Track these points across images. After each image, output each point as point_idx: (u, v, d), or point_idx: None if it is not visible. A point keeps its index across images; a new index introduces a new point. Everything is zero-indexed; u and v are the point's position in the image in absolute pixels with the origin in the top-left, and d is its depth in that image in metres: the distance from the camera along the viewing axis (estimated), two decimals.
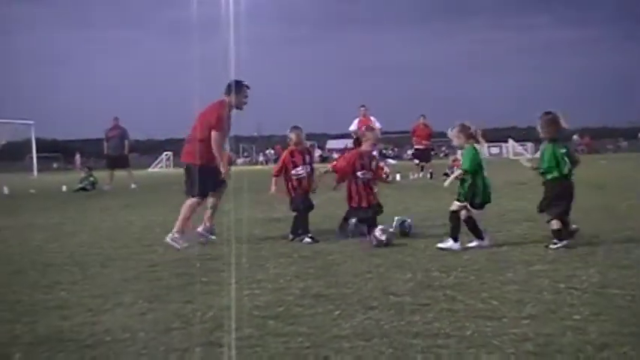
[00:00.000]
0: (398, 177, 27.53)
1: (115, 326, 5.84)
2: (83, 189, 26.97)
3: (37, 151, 59.61)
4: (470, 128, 9.59)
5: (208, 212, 11.01)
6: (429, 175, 28.11)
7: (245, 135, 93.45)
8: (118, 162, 28.52)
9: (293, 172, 10.73)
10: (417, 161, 29.71)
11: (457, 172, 9.82)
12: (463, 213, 9.32)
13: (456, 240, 9.14)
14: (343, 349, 4.97)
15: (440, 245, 9.12)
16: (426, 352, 4.83)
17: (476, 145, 9.53)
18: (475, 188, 9.40)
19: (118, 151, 28.24)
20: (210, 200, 10.87)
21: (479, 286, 6.85)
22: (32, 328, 5.94)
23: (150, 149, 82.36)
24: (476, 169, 9.37)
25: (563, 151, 9.14)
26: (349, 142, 30.36)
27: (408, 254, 8.90)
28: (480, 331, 5.29)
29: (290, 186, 10.80)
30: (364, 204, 10.68)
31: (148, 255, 9.57)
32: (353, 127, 27.06)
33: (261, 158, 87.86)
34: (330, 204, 12.90)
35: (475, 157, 9.44)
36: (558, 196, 9.03)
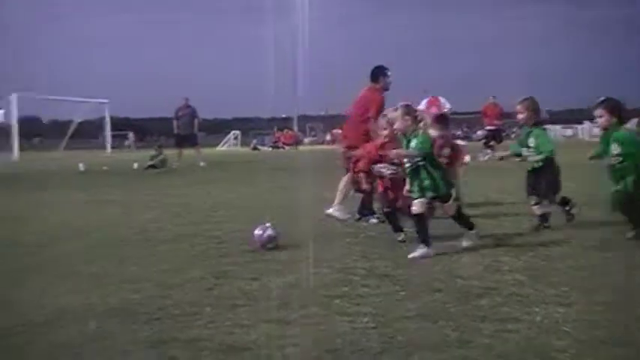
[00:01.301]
0: (467, 158, 27.20)
1: (182, 300, 5.87)
2: (153, 166, 27.28)
3: (111, 129, 60.52)
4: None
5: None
6: (499, 157, 27.63)
7: (312, 114, 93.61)
8: (187, 140, 28.79)
9: None
10: (490, 142, 29.21)
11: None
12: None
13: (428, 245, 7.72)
14: (408, 329, 4.90)
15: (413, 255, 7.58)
16: (494, 336, 4.72)
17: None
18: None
19: (188, 130, 28.51)
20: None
21: (549, 271, 6.70)
22: (105, 299, 6.02)
23: (218, 128, 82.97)
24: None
25: None
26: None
27: (479, 236, 8.75)
28: (550, 316, 5.15)
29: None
30: None
31: (215, 232, 9.59)
32: (421, 106, 26.75)
33: (327, 137, 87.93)
34: None
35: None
36: None
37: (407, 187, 8.05)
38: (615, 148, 8.16)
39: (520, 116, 9.45)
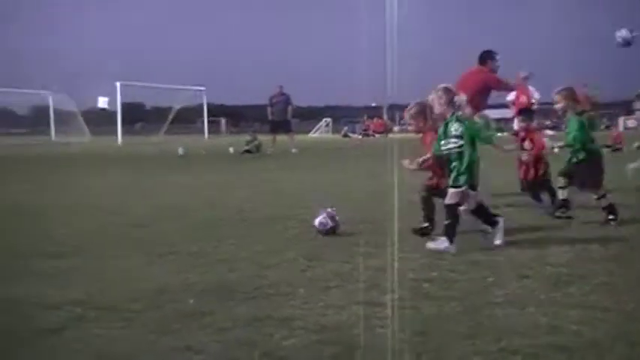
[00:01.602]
0: (556, 149, 26.65)
1: (277, 281, 5.96)
2: (248, 151, 27.64)
3: (208, 115, 61.36)
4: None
5: None
6: None
7: (401, 103, 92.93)
8: (281, 127, 29.04)
9: None
10: None
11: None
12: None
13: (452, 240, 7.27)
14: (496, 315, 4.88)
15: (431, 246, 7.32)
16: (583, 323, 4.67)
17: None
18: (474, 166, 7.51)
19: (282, 117, 28.74)
20: None
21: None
22: (203, 277, 6.16)
23: (310, 115, 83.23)
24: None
25: None
26: (508, 112, 29.08)
27: (566, 224, 8.64)
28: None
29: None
30: None
31: (306, 216, 9.66)
32: (510, 96, 26.21)
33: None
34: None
35: None
36: None
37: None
38: None
39: (558, 106, 9.34)
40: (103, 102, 52.17)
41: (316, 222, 8.28)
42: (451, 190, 7.37)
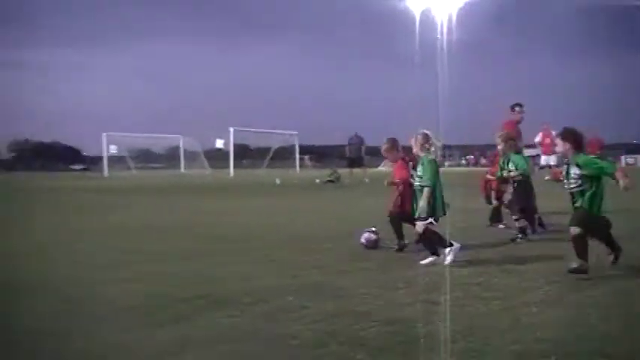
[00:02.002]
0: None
1: (351, 284, 5.95)
2: (330, 181, 27.73)
3: (300, 154, 61.92)
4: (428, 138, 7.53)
5: None
6: None
7: (450, 144, 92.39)
8: (356, 162, 29.12)
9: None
10: None
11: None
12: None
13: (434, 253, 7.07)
14: (531, 312, 4.80)
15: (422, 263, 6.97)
16: (601, 319, 4.56)
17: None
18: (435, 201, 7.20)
19: (357, 154, 28.85)
20: None
21: None
22: (299, 280, 6.20)
23: (378, 153, 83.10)
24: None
25: None
26: (534, 151, 28.75)
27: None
28: None
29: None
30: None
31: (379, 232, 9.64)
32: (537, 138, 26.19)
33: (463, 162, 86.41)
34: None
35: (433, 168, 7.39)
36: None
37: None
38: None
39: (499, 147, 9.20)
40: (219, 143, 53.30)
41: (363, 239, 8.25)
42: (418, 223, 7.16)
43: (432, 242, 7.19)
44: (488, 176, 10.60)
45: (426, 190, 7.13)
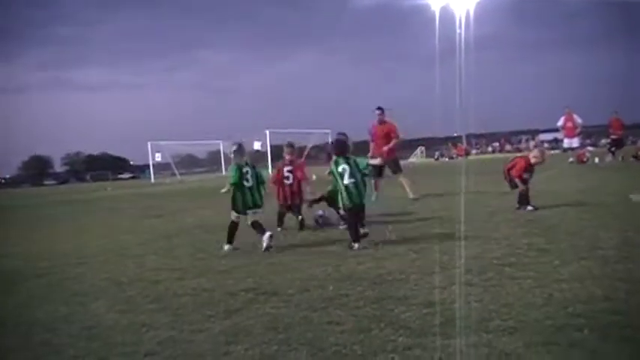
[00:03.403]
0: (597, 160, 26.00)
1: (393, 269, 5.96)
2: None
3: None
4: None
5: None
6: (620, 158, 25.90)
7: (476, 132, 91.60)
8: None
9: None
10: (613, 148, 27.29)
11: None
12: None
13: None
14: (563, 289, 4.75)
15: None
16: (628, 293, 4.52)
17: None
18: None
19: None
20: None
21: None
22: (338, 269, 6.21)
23: (408, 145, 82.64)
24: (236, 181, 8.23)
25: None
26: (558, 135, 28.52)
27: (610, 217, 8.31)
28: None
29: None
30: None
31: (412, 218, 9.64)
32: (560, 122, 25.92)
33: (489, 149, 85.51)
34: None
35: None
36: None
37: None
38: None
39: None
40: (257, 145, 53.49)
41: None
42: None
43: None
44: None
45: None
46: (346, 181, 8.00)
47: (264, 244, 7.91)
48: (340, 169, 8.07)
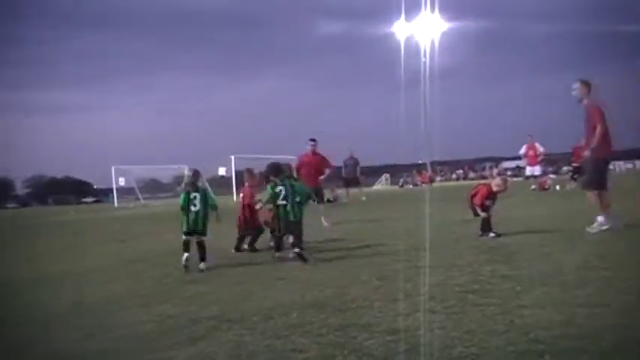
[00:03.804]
0: (558, 187, 26.45)
1: (357, 297, 5.94)
2: (328, 200, 27.74)
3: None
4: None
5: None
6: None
7: (439, 160, 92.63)
8: (352, 182, 29.15)
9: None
10: (575, 176, 27.79)
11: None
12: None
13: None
14: (524, 315, 4.80)
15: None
16: (588, 317, 4.59)
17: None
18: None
19: (352, 175, 28.88)
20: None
21: (628, 268, 6.36)
22: (304, 297, 6.15)
23: (372, 172, 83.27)
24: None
25: None
26: (521, 163, 29.25)
27: (571, 242, 8.45)
28: (631, 304, 4.95)
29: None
30: None
31: (377, 246, 9.66)
32: (522, 150, 26.48)
33: (453, 176, 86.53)
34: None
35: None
36: None
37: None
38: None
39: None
40: (222, 171, 53.27)
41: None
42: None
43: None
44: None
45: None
46: (281, 201, 8.91)
47: (199, 267, 8.54)
48: (277, 190, 8.99)
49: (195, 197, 8.89)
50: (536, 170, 26.61)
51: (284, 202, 8.92)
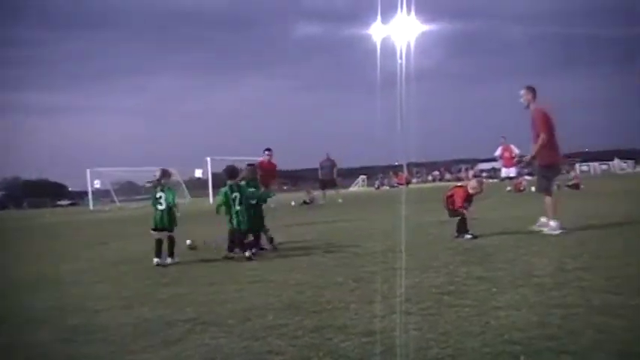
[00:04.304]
0: (533, 188, 26.75)
1: (332, 298, 5.92)
2: (305, 202, 27.73)
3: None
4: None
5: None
6: (557, 187, 26.62)
7: (416, 161, 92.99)
8: (328, 184, 29.13)
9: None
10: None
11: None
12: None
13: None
14: (500, 316, 4.80)
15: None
16: (564, 318, 4.60)
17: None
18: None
19: (329, 176, 28.86)
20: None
21: (603, 268, 6.41)
22: (280, 299, 6.12)
23: (349, 174, 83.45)
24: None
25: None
26: (496, 164, 29.68)
27: (544, 245, 8.50)
28: (605, 302, 4.97)
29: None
30: None
31: (353, 248, 9.63)
32: (497, 152, 26.69)
33: (430, 178, 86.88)
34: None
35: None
36: None
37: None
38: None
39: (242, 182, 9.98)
40: (198, 173, 52.95)
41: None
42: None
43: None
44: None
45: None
46: (237, 207, 9.44)
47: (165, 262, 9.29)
48: (233, 195, 9.50)
49: (160, 197, 9.52)
50: (512, 172, 26.82)
51: (241, 206, 9.54)
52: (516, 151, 26.18)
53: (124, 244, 14.05)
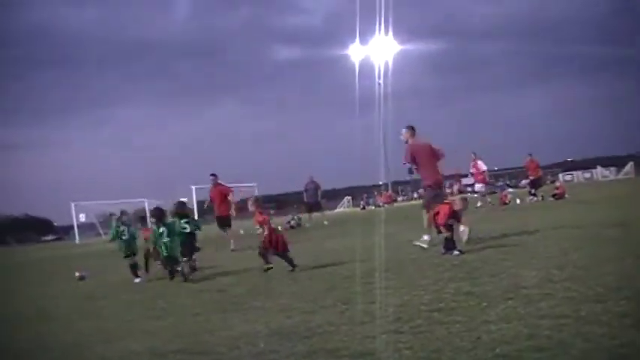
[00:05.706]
0: (518, 201, 27.02)
1: (323, 322, 5.86)
2: (292, 226, 27.62)
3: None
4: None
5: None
6: (541, 198, 26.90)
7: (401, 180, 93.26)
8: (314, 207, 29.11)
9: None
10: (532, 190, 28.23)
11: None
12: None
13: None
14: (491, 330, 4.77)
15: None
16: (552, 329, 4.57)
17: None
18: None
19: (314, 199, 28.85)
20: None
21: (589, 279, 6.40)
22: (268, 325, 6.05)
23: (334, 196, 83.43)
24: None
25: None
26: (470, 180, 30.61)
27: (531, 256, 8.50)
28: (592, 311, 4.95)
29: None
30: None
31: (341, 270, 9.58)
32: (472, 169, 27.23)
33: (415, 195, 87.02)
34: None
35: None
36: None
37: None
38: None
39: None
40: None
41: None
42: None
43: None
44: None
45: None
46: (165, 239, 11.02)
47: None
48: (161, 230, 11.11)
49: (123, 230, 12.25)
50: (478, 187, 27.54)
51: (167, 239, 11.07)
52: (484, 167, 26.72)
53: (107, 276, 13.88)
